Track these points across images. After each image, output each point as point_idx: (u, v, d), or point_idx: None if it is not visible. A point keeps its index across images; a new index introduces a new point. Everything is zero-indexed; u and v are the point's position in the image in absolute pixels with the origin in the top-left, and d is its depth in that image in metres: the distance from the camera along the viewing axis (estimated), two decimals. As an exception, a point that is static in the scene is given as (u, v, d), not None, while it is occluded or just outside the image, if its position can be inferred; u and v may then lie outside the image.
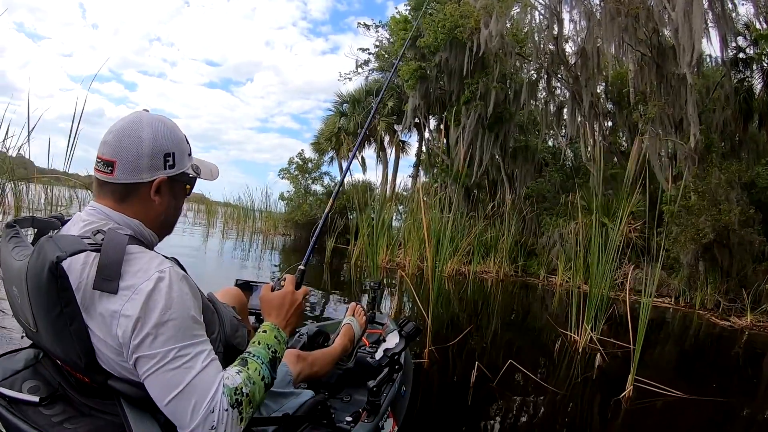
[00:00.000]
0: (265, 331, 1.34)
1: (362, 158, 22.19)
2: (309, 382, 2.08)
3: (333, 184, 19.30)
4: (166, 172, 1.26)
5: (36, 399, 1.15)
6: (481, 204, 15.13)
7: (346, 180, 19.60)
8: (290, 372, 1.89)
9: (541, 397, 3.71)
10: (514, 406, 3.61)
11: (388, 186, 20.15)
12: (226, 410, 1.08)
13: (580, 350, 4.98)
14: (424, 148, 19.43)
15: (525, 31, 13.51)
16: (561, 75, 13.38)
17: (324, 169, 20.37)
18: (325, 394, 1.92)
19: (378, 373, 2.15)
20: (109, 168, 1.21)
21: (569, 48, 13.28)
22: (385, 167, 21.66)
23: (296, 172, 19.66)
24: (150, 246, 1.28)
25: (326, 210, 1.85)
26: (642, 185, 7.17)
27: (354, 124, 20.53)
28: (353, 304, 2.80)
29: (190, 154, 1.37)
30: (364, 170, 22.06)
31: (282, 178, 19.95)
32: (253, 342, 1.31)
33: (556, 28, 12.30)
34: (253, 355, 1.25)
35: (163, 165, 1.26)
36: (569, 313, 5.39)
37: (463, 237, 11.84)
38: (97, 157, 1.24)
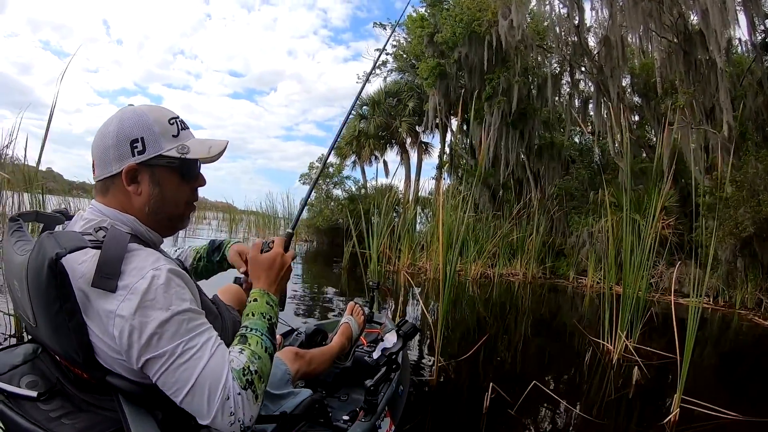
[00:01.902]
0: (256, 300, 1.33)
1: (384, 162, 22.04)
2: (307, 381, 2.11)
3: (356, 188, 19.06)
4: (135, 158, 1.22)
5: (34, 394, 1.14)
6: (506, 204, 14.74)
7: (369, 184, 19.52)
8: (289, 370, 1.91)
9: (570, 426, 3.23)
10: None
11: (411, 188, 19.90)
12: (239, 394, 1.09)
13: (614, 362, 4.46)
14: (446, 149, 19.09)
15: (546, 23, 13.15)
16: (584, 67, 12.93)
17: (345, 173, 20.12)
18: (323, 392, 2.01)
19: (375, 372, 2.17)
20: (93, 168, 1.26)
21: (592, 39, 12.84)
22: (408, 170, 21.45)
23: (317, 177, 19.41)
24: (151, 244, 1.26)
25: (313, 182, 2.11)
26: (674, 178, 6.73)
27: (374, 126, 20.38)
28: (351, 303, 2.85)
29: (175, 135, 1.29)
30: (387, 173, 21.90)
31: (303, 184, 19.94)
32: (247, 314, 1.29)
33: (577, 18, 11.89)
34: (251, 329, 1.24)
35: (131, 152, 1.22)
36: (602, 319, 4.89)
37: (489, 239, 11.54)
38: None
